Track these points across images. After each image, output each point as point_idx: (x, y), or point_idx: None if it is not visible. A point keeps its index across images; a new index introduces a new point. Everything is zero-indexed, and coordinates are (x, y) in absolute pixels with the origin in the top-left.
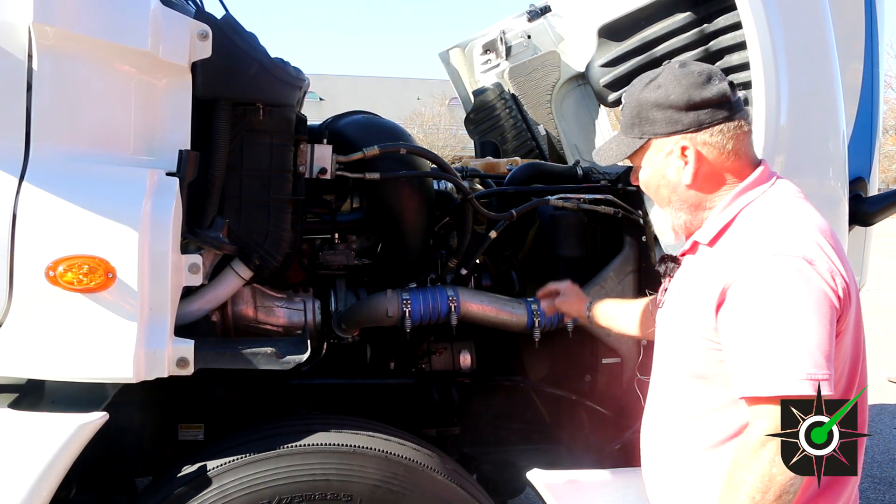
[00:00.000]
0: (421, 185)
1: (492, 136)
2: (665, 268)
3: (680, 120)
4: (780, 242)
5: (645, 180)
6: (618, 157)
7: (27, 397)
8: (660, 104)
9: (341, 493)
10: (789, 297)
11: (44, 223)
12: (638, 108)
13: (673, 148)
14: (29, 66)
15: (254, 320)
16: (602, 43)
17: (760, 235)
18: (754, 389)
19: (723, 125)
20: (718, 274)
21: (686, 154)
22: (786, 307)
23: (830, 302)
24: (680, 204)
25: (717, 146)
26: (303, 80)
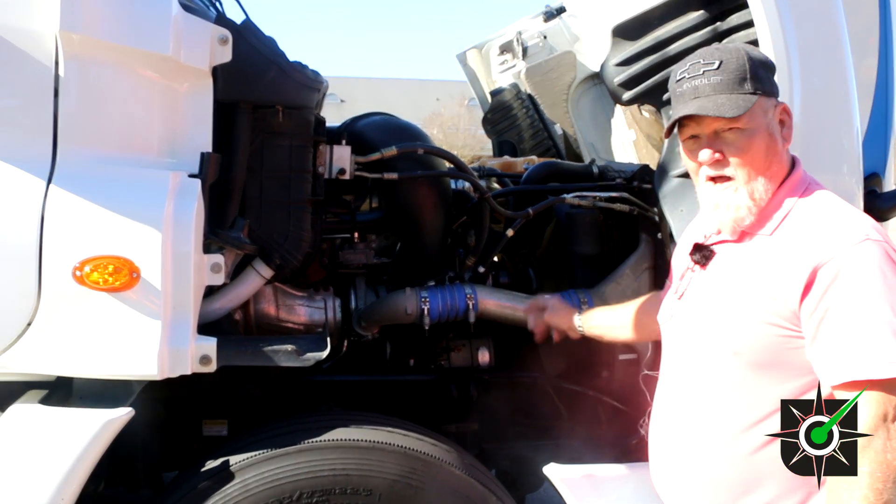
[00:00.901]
0: (438, 184)
1: (509, 135)
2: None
3: (775, 84)
4: (864, 228)
5: (746, 141)
6: (732, 110)
7: (57, 394)
8: (765, 63)
9: (361, 487)
10: (889, 280)
11: (70, 225)
12: (749, 64)
13: (773, 110)
14: (56, 73)
15: (275, 318)
16: (616, 42)
17: (842, 221)
18: (859, 373)
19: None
20: (798, 258)
21: (788, 116)
22: (887, 289)
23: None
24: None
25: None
26: (321, 82)
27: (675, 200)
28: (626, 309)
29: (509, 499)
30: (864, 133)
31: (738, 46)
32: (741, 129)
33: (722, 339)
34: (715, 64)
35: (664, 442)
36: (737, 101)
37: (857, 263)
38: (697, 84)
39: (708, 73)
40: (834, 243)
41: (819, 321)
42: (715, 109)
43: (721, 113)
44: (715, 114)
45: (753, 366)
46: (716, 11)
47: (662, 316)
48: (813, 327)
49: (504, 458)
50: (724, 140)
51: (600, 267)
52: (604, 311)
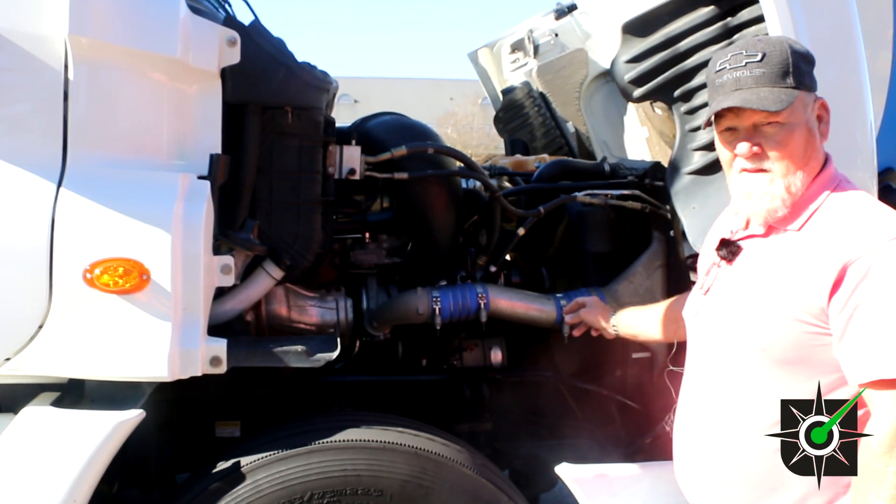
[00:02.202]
0: (449, 183)
1: (521, 134)
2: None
3: (815, 78)
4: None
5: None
6: (775, 104)
7: (69, 396)
8: (806, 58)
9: (372, 488)
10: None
11: (81, 227)
12: (792, 58)
13: (813, 105)
14: (65, 77)
15: (287, 319)
16: (626, 39)
17: (873, 219)
18: (887, 371)
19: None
20: (828, 255)
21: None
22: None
23: None
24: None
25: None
26: (330, 82)
27: (688, 197)
28: (658, 309)
29: (521, 499)
30: (879, 127)
31: (781, 38)
32: (781, 124)
33: (749, 335)
34: (758, 56)
35: (689, 439)
36: (779, 95)
37: (888, 261)
38: (739, 76)
39: (751, 64)
40: (865, 240)
41: (848, 319)
42: (758, 102)
43: (764, 107)
44: (758, 107)
45: (780, 362)
46: (726, 7)
47: (688, 312)
48: (841, 325)
49: (517, 457)
50: (764, 133)
51: (612, 265)
52: (637, 311)
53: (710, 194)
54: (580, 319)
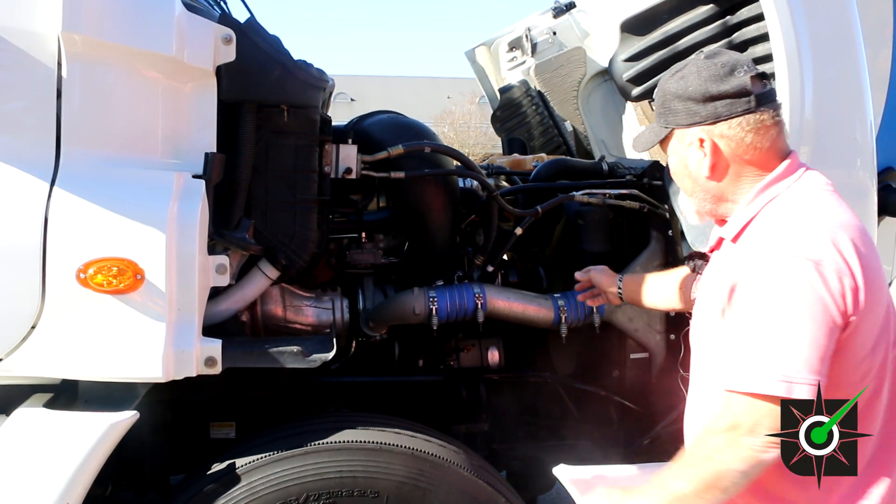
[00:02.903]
0: (446, 183)
1: (519, 133)
2: (693, 265)
3: (698, 112)
4: (788, 242)
5: (672, 169)
6: (646, 145)
7: (62, 397)
8: (679, 95)
9: (368, 489)
10: (782, 299)
11: (74, 226)
12: (662, 98)
13: (692, 139)
14: (59, 74)
15: (283, 319)
16: (625, 38)
17: (773, 234)
18: (730, 384)
19: (742, 118)
20: (730, 273)
21: (703, 146)
22: (777, 309)
23: (826, 306)
24: (703, 195)
25: (736, 139)
26: (326, 81)
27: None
28: (662, 277)
29: (519, 500)
30: (879, 126)
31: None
32: (669, 156)
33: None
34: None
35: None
36: (650, 135)
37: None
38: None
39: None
40: (749, 261)
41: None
42: (640, 138)
43: (634, 146)
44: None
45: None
46: (725, 5)
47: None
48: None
49: (514, 459)
50: None
51: (610, 265)
52: (641, 277)
53: None
54: (589, 279)
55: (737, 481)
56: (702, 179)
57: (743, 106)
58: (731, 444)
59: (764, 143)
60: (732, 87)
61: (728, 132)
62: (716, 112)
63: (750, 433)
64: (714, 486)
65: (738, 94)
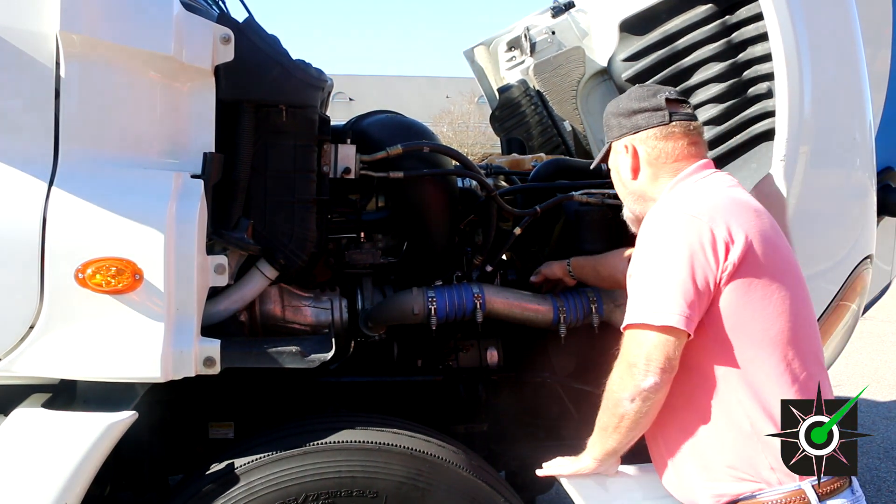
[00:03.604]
0: (444, 182)
1: (517, 133)
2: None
3: (625, 125)
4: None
5: (612, 179)
6: (596, 160)
7: (60, 397)
8: (614, 113)
9: (367, 489)
10: (656, 248)
11: (73, 227)
12: (605, 119)
13: (621, 148)
14: (57, 74)
15: (281, 319)
16: (623, 37)
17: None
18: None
19: (657, 128)
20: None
21: (628, 151)
22: (651, 255)
23: (693, 252)
24: (630, 196)
25: (651, 145)
26: (325, 80)
27: None
28: (606, 258)
29: (517, 500)
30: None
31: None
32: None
33: None
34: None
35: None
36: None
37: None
38: None
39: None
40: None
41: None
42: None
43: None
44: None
45: None
46: (724, 5)
47: None
48: None
49: (514, 459)
50: None
51: None
52: (590, 259)
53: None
54: (543, 275)
55: (629, 409)
56: (627, 181)
57: (658, 119)
58: (621, 374)
59: (675, 150)
60: (651, 105)
61: (646, 139)
62: (637, 124)
63: (632, 364)
64: (614, 414)
65: (655, 110)
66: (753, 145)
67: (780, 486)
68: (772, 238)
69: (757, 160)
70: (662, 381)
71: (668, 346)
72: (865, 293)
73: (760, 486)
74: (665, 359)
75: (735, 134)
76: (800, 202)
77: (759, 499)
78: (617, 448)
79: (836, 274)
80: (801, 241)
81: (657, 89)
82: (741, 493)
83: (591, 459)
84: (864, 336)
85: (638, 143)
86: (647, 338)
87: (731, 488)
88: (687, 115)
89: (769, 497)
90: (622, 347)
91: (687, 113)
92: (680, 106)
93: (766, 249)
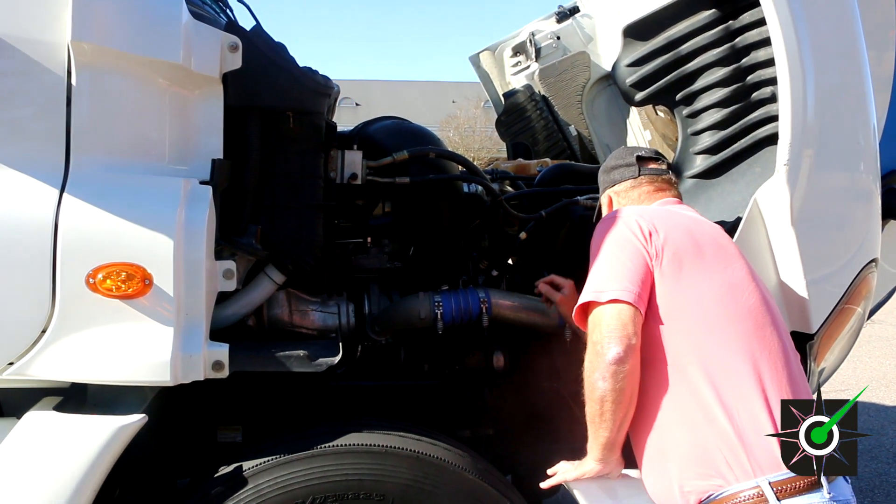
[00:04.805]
0: (450, 188)
1: (523, 137)
2: None
3: (605, 180)
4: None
5: None
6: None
7: (71, 400)
8: (601, 171)
9: (374, 492)
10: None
11: (84, 233)
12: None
13: (605, 200)
14: (68, 82)
15: (289, 324)
16: (627, 42)
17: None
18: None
19: (628, 181)
20: None
21: (608, 202)
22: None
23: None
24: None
25: (624, 196)
26: (331, 87)
27: (690, 200)
28: None
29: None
30: (883, 129)
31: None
32: None
33: None
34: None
35: None
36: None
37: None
38: None
39: None
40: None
41: None
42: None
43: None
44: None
45: None
46: (728, 9)
47: None
48: None
49: (520, 462)
50: None
51: None
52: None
53: (712, 197)
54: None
55: (604, 389)
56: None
57: (630, 173)
58: (589, 359)
59: (641, 196)
60: (625, 162)
61: (619, 191)
62: (613, 178)
63: (594, 343)
64: (593, 400)
65: (628, 166)
66: (757, 150)
67: (738, 484)
68: (695, 234)
69: (761, 164)
70: (626, 350)
71: (622, 315)
72: (871, 297)
73: (719, 483)
74: (621, 326)
75: (739, 138)
76: (804, 206)
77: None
78: (610, 437)
79: (840, 277)
80: (806, 244)
81: (633, 150)
82: (708, 492)
83: (593, 461)
84: (871, 340)
85: (614, 194)
86: (600, 314)
87: (696, 486)
88: (656, 171)
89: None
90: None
91: (656, 168)
92: (651, 162)
93: (689, 243)
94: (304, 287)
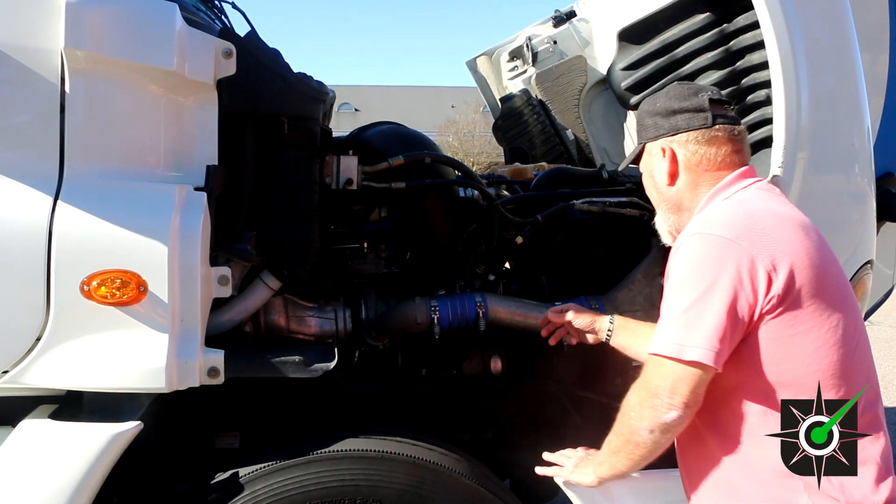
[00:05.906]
0: (446, 192)
1: (520, 142)
2: None
3: (662, 125)
4: (705, 222)
5: (644, 183)
6: (625, 162)
7: (67, 408)
8: (650, 112)
9: (370, 497)
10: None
11: (78, 239)
12: (639, 118)
13: (657, 150)
14: (62, 90)
15: (286, 329)
16: (622, 46)
17: (697, 219)
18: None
19: (698, 131)
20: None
21: (665, 155)
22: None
23: (739, 278)
24: (665, 205)
25: (691, 150)
26: (326, 93)
27: None
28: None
29: None
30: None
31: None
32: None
33: None
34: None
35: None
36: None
37: (674, 260)
38: None
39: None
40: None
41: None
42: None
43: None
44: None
45: None
46: (722, 13)
47: None
48: None
49: (517, 467)
50: None
51: (612, 272)
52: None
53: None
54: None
55: (646, 439)
56: (663, 187)
57: (700, 121)
58: (641, 402)
59: (717, 156)
60: (692, 105)
61: (685, 143)
62: (676, 125)
63: (653, 394)
64: (629, 441)
65: (697, 111)
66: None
67: None
68: (820, 261)
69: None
70: (685, 416)
71: (695, 380)
72: (867, 298)
73: None
74: (690, 393)
75: None
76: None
77: None
78: (624, 472)
79: None
80: None
81: (699, 88)
82: None
83: (595, 476)
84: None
85: (677, 146)
86: (672, 369)
87: None
88: (731, 119)
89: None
90: (644, 372)
91: (731, 116)
92: (723, 108)
93: (814, 276)
94: (301, 293)
